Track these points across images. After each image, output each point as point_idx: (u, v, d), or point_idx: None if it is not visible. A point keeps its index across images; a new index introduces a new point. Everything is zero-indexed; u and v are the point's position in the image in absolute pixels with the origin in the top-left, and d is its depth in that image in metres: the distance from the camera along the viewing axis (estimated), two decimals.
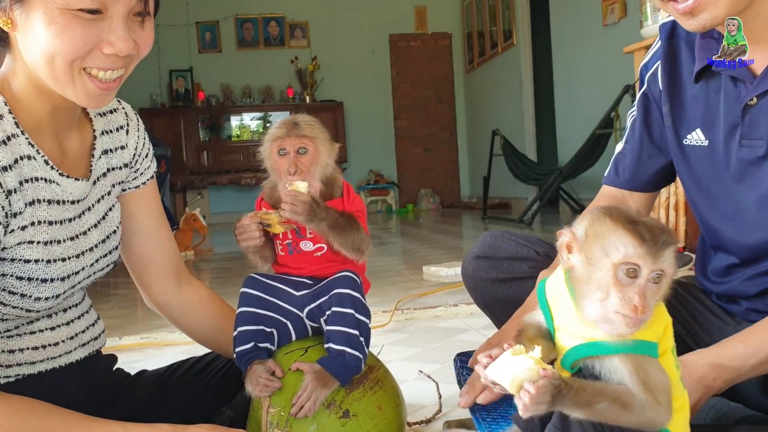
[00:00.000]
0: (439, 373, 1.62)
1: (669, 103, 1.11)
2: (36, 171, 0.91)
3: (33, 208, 0.91)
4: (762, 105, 0.96)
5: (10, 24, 0.85)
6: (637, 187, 1.20)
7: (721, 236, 1.08)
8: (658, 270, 0.67)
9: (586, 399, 0.67)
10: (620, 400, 0.67)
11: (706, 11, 0.90)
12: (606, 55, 5.25)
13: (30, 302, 0.92)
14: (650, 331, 0.69)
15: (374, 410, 0.99)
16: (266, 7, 8.56)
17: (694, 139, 1.06)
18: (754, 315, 1.06)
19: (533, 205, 5.51)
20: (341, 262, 1.05)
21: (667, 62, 1.11)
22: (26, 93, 0.91)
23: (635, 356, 0.67)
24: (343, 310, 0.99)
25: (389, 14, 8.75)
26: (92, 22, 0.84)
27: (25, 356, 0.96)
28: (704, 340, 1.10)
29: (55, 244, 0.93)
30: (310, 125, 1.05)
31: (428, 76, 8.99)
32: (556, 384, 0.66)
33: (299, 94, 8.54)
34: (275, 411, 0.96)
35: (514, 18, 7.10)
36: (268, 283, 1.05)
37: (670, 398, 0.68)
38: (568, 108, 6.20)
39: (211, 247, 5.28)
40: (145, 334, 2.33)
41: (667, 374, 0.68)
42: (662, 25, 1.13)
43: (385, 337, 2.13)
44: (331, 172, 1.07)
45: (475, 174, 8.67)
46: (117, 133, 1.08)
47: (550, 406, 0.66)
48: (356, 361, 0.98)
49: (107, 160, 1.05)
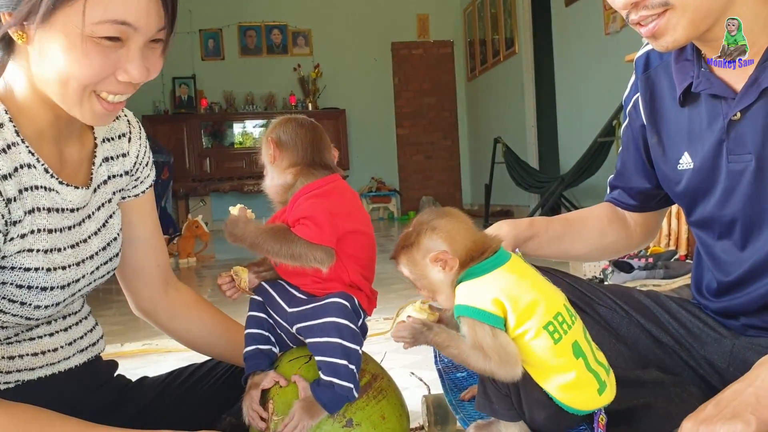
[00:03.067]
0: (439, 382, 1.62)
1: (656, 135, 1.12)
2: (36, 179, 0.91)
3: (32, 216, 0.90)
4: (746, 119, 0.95)
5: (25, 38, 0.84)
6: (636, 208, 1.23)
7: (716, 254, 1.08)
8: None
9: (439, 341, 0.88)
10: (462, 349, 0.87)
11: (666, 35, 0.92)
12: (608, 64, 5.26)
13: (30, 310, 0.92)
14: (474, 301, 0.87)
15: (377, 419, 0.99)
16: (269, 15, 8.59)
17: (685, 163, 1.06)
18: (751, 331, 1.05)
19: (535, 212, 5.50)
20: (328, 279, 1.00)
21: (646, 93, 1.12)
22: (29, 102, 0.91)
23: (466, 319, 0.87)
24: (330, 340, 0.95)
25: (391, 22, 8.78)
26: (111, 50, 0.84)
27: (24, 362, 0.96)
28: (699, 352, 1.10)
29: (55, 252, 0.93)
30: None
31: (430, 83, 9.01)
32: (417, 326, 0.90)
33: (302, 101, 8.56)
34: (278, 419, 0.96)
35: (515, 26, 7.12)
36: (269, 292, 1.04)
37: (507, 357, 0.85)
38: (569, 116, 6.21)
39: (213, 253, 5.28)
40: (146, 341, 2.33)
41: (502, 338, 0.85)
42: (636, 59, 1.15)
43: (386, 344, 2.13)
44: (289, 178, 1.03)
45: (476, 182, 8.67)
46: (119, 141, 1.07)
47: (413, 341, 0.90)
48: (346, 392, 0.95)
49: (108, 167, 1.05)
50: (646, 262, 2.73)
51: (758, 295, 1.01)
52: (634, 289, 1.20)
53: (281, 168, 1.04)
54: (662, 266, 2.75)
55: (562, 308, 0.90)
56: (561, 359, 0.87)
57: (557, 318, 0.88)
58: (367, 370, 1.04)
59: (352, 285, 1.01)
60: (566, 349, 0.88)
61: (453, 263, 0.90)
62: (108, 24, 0.81)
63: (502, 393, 0.90)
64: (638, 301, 1.16)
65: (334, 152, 1.09)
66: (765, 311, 1.02)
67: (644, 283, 2.65)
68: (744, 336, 1.06)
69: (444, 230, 0.91)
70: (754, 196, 0.97)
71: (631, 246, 1.28)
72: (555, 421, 0.91)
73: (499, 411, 0.91)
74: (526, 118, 7.14)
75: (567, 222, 1.25)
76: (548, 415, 0.89)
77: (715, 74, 0.99)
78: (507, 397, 0.90)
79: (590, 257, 1.24)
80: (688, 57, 1.02)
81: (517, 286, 0.88)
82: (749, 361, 1.03)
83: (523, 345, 0.87)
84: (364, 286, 1.03)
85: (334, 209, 0.99)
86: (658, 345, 1.11)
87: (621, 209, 1.25)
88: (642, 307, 1.14)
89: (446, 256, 0.89)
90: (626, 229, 1.25)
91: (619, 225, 1.25)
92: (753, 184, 0.97)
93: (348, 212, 1.02)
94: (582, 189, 5.55)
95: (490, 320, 0.85)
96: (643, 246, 1.30)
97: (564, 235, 1.22)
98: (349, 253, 1.00)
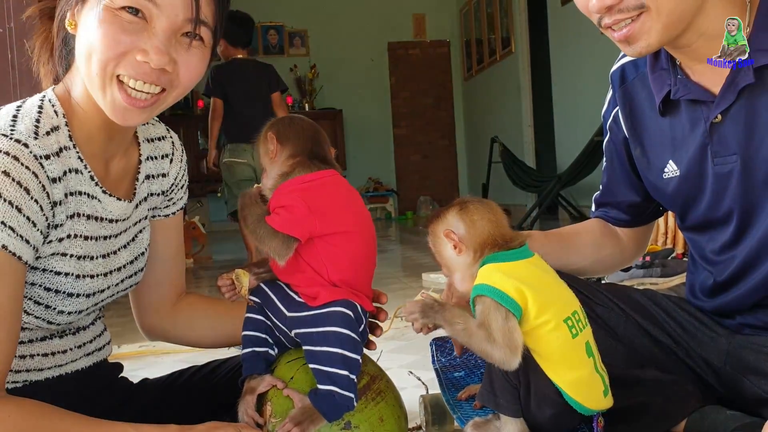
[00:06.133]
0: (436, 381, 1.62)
1: (640, 146, 1.12)
2: (81, 185, 0.92)
3: (72, 221, 0.92)
4: (728, 121, 0.96)
5: (74, 25, 0.87)
6: (628, 223, 1.24)
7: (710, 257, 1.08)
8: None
9: (449, 317, 0.90)
10: (469, 326, 0.88)
11: (640, 39, 0.93)
12: (604, 63, 5.24)
13: (53, 314, 0.93)
14: (496, 282, 0.89)
15: (376, 421, 0.99)
16: (265, 16, 8.57)
17: (670, 171, 1.07)
18: (747, 329, 1.06)
19: (532, 212, 5.51)
20: (323, 284, 0.99)
21: (625, 106, 1.13)
22: (83, 104, 0.92)
23: (484, 299, 0.88)
24: (331, 350, 0.94)
25: (388, 22, 8.77)
26: (131, 26, 0.84)
27: (34, 362, 0.97)
28: (696, 351, 1.10)
29: (87, 260, 0.94)
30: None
31: (427, 83, 9.01)
32: (428, 302, 0.92)
33: (298, 101, 8.55)
34: (276, 421, 0.96)
35: (512, 25, 7.12)
36: (268, 294, 1.03)
37: (511, 343, 0.86)
38: (566, 115, 6.21)
39: (210, 255, 5.28)
40: (143, 343, 2.33)
41: (512, 324, 0.86)
42: (612, 73, 1.16)
43: (384, 344, 2.14)
44: (286, 168, 1.03)
45: (474, 181, 8.68)
46: (162, 161, 1.09)
47: (423, 317, 0.91)
48: (347, 401, 0.94)
49: (149, 185, 1.07)
50: (643, 260, 2.73)
51: (750, 290, 1.01)
52: (631, 288, 1.20)
53: (281, 161, 1.04)
54: (659, 265, 2.75)
55: (578, 308, 0.92)
56: (576, 355, 0.89)
57: (574, 315, 0.90)
58: (366, 371, 1.03)
59: (335, 285, 0.98)
60: (581, 346, 0.90)
61: (461, 247, 0.93)
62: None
63: (512, 385, 0.90)
64: (635, 300, 1.16)
65: (331, 150, 1.09)
66: (759, 309, 1.03)
67: (641, 281, 2.65)
68: (740, 335, 1.07)
69: (470, 213, 0.95)
70: (743, 195, 0.98)
71: (624, 260, 1.28)
72: (558, 420, 0.91)
73: (503, 405, 0.92)
74: (523, 117, 7.15)
75: (561, 236, 1.26)
76: (554, 413, 0.90)
77: (692, 80, 1.00)
78: (515, 390, 0.90)
79: (587, 271, 1.23)
80: (664, 66, 1.03)
81: (540, 279, 0.91)
82: (745, 360, 1.04)
83: (542, 336, 0.88)
84: (354, 287, 1.00)
85: (317, 204, 0.97)
86: (655, 344, 1.12)
87: (612, 225, 1.26)
88: (639, 306, 1.15)
89: (455, 238, 0.94)
90: (620, 243, 1.26)
91: (613, 239, 1.26)
92: (741, 184, 0.97)
93: (337, 208, 0.99)
94: (579, 188, 5.55)
95: (509, 303, 0.86)
96: (635, 260, 1.31)
97: (560, 248, 1.22)
98: (334, 252, 0.97)
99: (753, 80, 0.91)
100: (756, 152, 0.94)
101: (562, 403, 0.90)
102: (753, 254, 0.99)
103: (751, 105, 0.93)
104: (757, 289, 1.00)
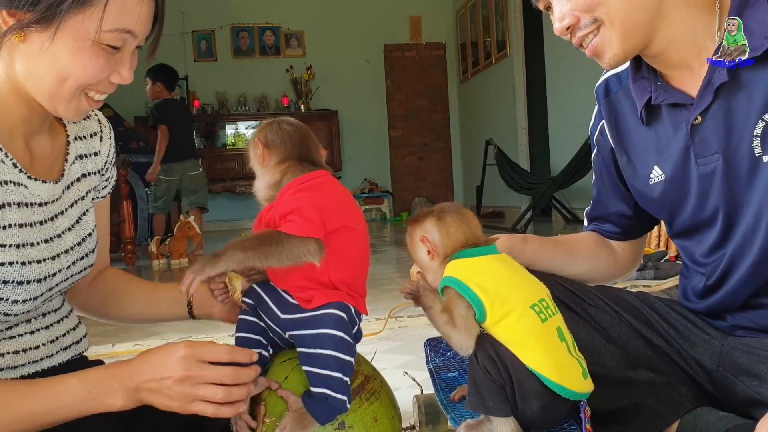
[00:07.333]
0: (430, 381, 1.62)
1: (625, 154, 1.14)
2: (5, 174, 0.92)
3: (3, 212, 0.91)
4: (708, 121, 0.97)
5: (22, 37, 0.86)
6: (621, 236, 1.26)
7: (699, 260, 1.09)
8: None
9: (427, 302, 0.99)
10: (436, 310, 0.97)
11: (606, 51, 0.99)
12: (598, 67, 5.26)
13: (7, 305, 0.92)
14: (461, 276, 0.96)
15: (370, 421, 0.99)
16: (262, 17, 8.58)
17: (656, 176, 1.08)
18: (739, 331, 1.06)
19: (526, 214, 5.53)
20: (322, 284, 0.98)
21: (610, 118, 1.15)
22: (3, 98, 0.93)
23: (449, 290, 0.96)
24: (324, 352, 0.94)
25: (384, 24, 8.78)
26: (111, 55, 0.90)
27: (6, 360, 0.96)
28: (688, 353, 1.11)
29: (28, 247, 0.94)
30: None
31: (422, 85, 9.02)
32: (423, 282, 1.02)
33: (294, 102, 8.55)
34: (270, 421, 0.96)
35: (507, 29, 7.14)
36: (261, 296, 1.03)
37: (468, 329, 0.94)
38: (561, 118, 6.23)
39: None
40: (138, 341, 2.33)
41: (471, 314, 0.94)
42: (597, 88, 1.18)
43: (378, 344, 2.14)
44: (277, 175, 1.04)
45: (468, 183, 8.69)
46: (90, 140, 1.10)
47: (415, 296, 1.01)
48: (340, 404, 0.94)
49: (82, 165, 1.07)
50: None
51: (738, 286, 1.02)
52: (624, 290, 1.21)
53: (270, 167, 1.05)
54: (652, 267, 2.77)
55: (546, 296, 0.97)
56: (549, 338, 0.93)
57: (542, 303, 0.95)
58: (360, 371, 1.04)
59: (334, 287, 0.99)
60: (552, 329, 0.94)
61: (434, 254, 1.01)
62: (117, 32, 0.87)
63: (497, 384, 0.92)
64: (628, 302, 1.17)
65: (322, 152, 1.09)
66: (750, 309, 1.04)
67: (634, 284, 2.66)
68: (732, 336, 1.07)
69: (446, 225, 1.01)
70: (727, 193, 0.99)
71: (619, 272, 1.29)
72: (546, 412, 0.92)
73: (492, 407, 0.93)
74: (518, 120, 7.17)
75: (558, 241, 1.27)
76: (540, 404, 0.91)
77: (672, 85, 1.02)
78: (501, 389, 0.92)
79: (582, 278, 1.23)
80: (644, 75, 1.05)
81: (499, 271, 0.97)
82: (738, 362, 1.04)
83: (511, 324, 0.93)
84: (352, 287, 1.01)
85: (321, 202, 0.97)
86: (648, 345, 1.12)
87: (606, 238, 1.27)
88: (632, 308, 1.15)
89: (429, 245, 1.01)
90: (614, 254, 1.27)
91: (608, 250, 1.27)
92: (725, 182, 0.98)
93: (336, 206, 1.00)
94: (573, 190, 5.58)
95: (470, 297, 0.94)
96: (629, 274, 1.32)
97: (557, 254, 1.23)
98: (335, 251, 0.97)
99: (727, 79, 0.93)
100: (736, 149, 0.96)
101: (545, 393, 0.91)
102: (738, 250, 1.00)
103: (727, 103, 0.95)
104: (744, 285, 1.01)
